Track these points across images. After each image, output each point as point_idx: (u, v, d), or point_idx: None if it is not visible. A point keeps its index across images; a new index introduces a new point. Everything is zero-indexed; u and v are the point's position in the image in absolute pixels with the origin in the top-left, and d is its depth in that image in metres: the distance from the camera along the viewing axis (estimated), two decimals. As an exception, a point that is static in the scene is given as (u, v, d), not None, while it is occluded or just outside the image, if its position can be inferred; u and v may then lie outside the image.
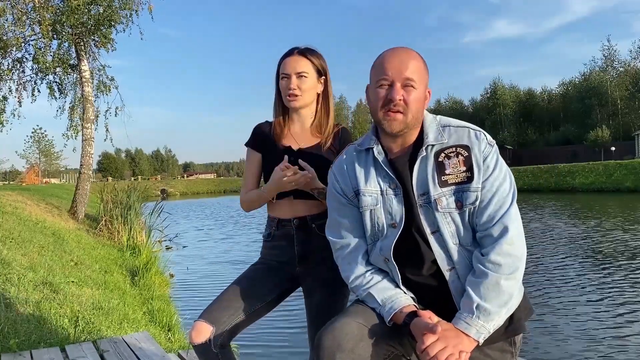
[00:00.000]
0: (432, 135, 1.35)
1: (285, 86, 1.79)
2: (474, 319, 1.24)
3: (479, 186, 1.30)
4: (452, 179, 1.32)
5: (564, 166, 36.89)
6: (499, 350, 1.35)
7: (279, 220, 1.85)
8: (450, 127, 1.37)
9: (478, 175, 1.30)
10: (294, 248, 1.82)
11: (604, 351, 4.51)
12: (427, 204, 1.33)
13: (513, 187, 1.33)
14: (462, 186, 1.31)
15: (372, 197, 1.40)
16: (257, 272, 1.85)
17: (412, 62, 1.34)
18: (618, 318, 5.41)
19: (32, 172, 58.92)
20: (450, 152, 1.33)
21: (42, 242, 6.49)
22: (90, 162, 11.04)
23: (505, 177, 1.32)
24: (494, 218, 1.28)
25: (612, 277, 7.34)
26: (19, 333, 3.14)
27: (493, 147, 1.33)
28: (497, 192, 1.30)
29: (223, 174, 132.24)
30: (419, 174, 1.34)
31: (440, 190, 1.32)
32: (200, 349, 1.70)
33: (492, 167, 1.31)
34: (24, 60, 11.23)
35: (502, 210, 1.28)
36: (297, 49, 1.82)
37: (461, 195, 1.31)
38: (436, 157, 1.33)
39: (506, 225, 1.27)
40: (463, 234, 1.32)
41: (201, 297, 6.85)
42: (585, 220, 14.98)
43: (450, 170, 1.32)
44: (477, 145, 1.32)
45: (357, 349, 1.25)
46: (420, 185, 1.34)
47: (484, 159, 1.31)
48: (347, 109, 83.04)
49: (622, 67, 57.31)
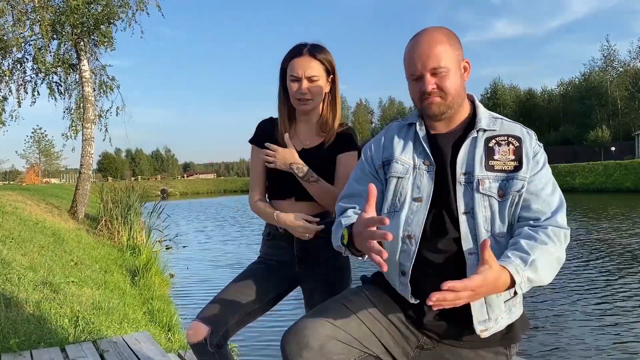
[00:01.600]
0: (485, 122, 1.35)
1: (295, 89, 1.73)
2: (525, 271, 1.16)
3: (527, 177, 1.28)
4: (499, 165, 1.30)
5: (564, 166, 36.88)
6: (494, 352, 1.33)
7: None
8: (502, 120, 1.37)
9: (527, 167, 1.29)
10: (294, 249, 1.81)
11: (604, 351, 4.51)
12: (468, 183, 1.30)
13: (559, 191, 1.32)
14: (509, 174, 1.29)
15: (403, 166, 1.38)
16: (256, 272, 1.85)
17: (436, 48, 1.30)
18: (618, 318, 5.41)
19: (32, 172, 58.96)
20: (501, 140, 1.32)
21: (42, 242, 6.49)
22: (90, 162, 11.03)
23: (550, 177, 1.32)
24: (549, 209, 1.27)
25: (613, 277, 7.34)
26: (19, 333, 3.13)
27: (542, 147, 1.34)
28: (546, 187, 1.29)
29: (223, 174, 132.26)
30: (466, 154, 1.33)
31: (485, 173, 1.29)
32: (196, 349, 1.71)
33: (542, 165, 1.31)
34: (24, 61, 11.25)
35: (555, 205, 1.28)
36: (306, 48, 1.73)
37: (505, 184, 1.28)
38: (487, 142, 1.32)
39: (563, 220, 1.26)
40: (498, 223, 1.28)
41: (201, 297, 6.85)
42: (585, 220, 14.98)
43: (499, 156, 1.30)
44: (528, 140, 1.32)
45: (326, 347, 1.23)
46: (465, 165, 1.32)
47: (534, 154, 1.31)
48: (347, 109, 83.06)
49: (622, 67, 57.36)
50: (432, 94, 1.31)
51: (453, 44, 1.34)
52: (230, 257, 10.57)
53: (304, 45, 1.75)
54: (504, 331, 1.32)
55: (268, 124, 1.89)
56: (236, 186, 67.36)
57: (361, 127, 77.34)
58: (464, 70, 1.37)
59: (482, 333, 1.28)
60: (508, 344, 1.34)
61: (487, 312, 1.27)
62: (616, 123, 54.33)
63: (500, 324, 1.29)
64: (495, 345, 1.33)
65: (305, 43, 1.76)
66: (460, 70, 1.35)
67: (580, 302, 6.10)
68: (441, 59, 1.30)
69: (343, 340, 1.26)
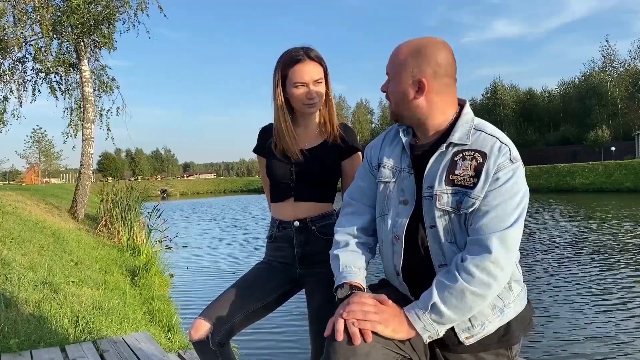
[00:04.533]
0: (458, 135, 1.33)
1: (303, 95, 1.74)
2: (426, 315, 1.22)
3: (480, 195, 1.26)
4: (459, 180, 1.30)
5: (564, 166, 36.88)
6: (494, 354, 1.33)
7: (280, 222, 1.86)
8: (482, 132, 1.34)
9: (483, 185, 1.26)
10: (294, 250, 1.82)
11: (604, 351, 4.51)
12: (430, 197, 1.33)
13: (519, 212, 1.26)
14: (465, 190, 1.29)
15: (390, 171, 1.44)
16: (260, 272, 1.86)
17: (393, 56, 1.38)
18: (617, 318, 5.41)
19: (32, 172, 58.94)
20: (467, 154, 1.31)
21: (42, 242, 6.49)
22: (90, 162, 11.04)
23: (514, 196, 1.26)
24: (486, 230, 1.24)
25: (613, 277, 7.34)
26: (19, 333, 3.14)
27: (515, 163, 1.28)
28: (499, 206, 1.25)
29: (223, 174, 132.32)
30: (431, 167, 1.34)
31: (444, 188, 1.30)
32: (198, 346, 1.71)
33: (503, 182, 1.26)
34: (24, 61, 11.26)
35: (499, 226, 1.23)
36: (305, 53, 1.75)
37: (462, 198, 1.29)
38: (453, 156, 1.32)
39: (497, 243, 1.22)
40: (459, 235, 1.30)
41: (201, 297, 6.85)
42: (585, 220, 14.98)
43: (460, 171, 1.30)
44: (495, 156, 1.28)
45: (372, 354, 1.21)
46: (429, 179, 1.34)
47: (496, 171, 1.27)
48: (347, 109, 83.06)
49: (621, 67, 57.34)
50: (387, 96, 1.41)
51: (408, 58, 1.34)
52: (230, 257, 10.57)
53: (299, 49, 1.76)
54: (500, 332, 1.31)
55: (268, 130, 1.91)
56: (236, 186, 67.37)
57: (361, 127, 77.27)
58: (417, 86, 1.34)
59: (467, 340, 1.29)
60: (507, 345, 1.34)
61: (468, 320, 1.29)
62: (616, 123, 54.29)
63: (490, 328, 1.29)
64: (494, 348, 1.33)
65: (298, 47, 1.77)
66: (406, 85, 1.34)
67: (580, 301, 6.11)
68: (390, 67, 1.37)
69: (384, 345, 1.25)
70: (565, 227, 13.33)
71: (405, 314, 1.24)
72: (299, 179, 1.81)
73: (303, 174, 1.80)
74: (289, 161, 1.81)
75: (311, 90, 1.74)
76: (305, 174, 1.80)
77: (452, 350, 1.33)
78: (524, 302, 1.39)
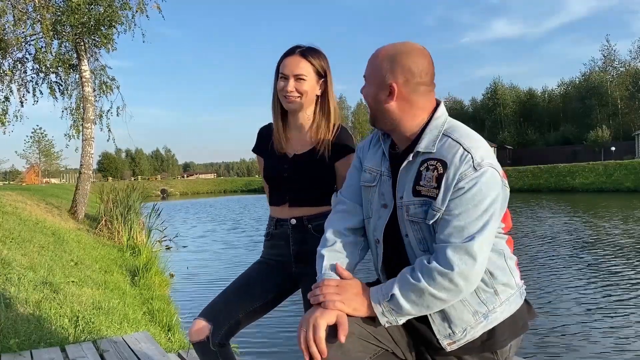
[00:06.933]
0: (425, 143, 1.32)
1: (282, 87, 1.75)
2: (385, 303, 1.26)
3: (442, 208, 1.25)
4: (424, 191, 1.29)
5: (564, 166, 36.89)
6: (478, 357, 1.33)
7: (277, 220, 1.87)
8: (449, 137, 1.30)
9: (444, 196, 1.25)
10: (290, 248, 1.83)
11: (604, 351, 4.51)
12: (401, 207, 1.34)
13: (486, 219, 1.23)
14: (429, 201, 1.28)
15: (371, 174, 1.45)
16: (258, 271, 1.86)
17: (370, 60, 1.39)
18: (616, 317, 5.41)
19: (32, 172, 59.02)
20: (430, 164, 1.29)
21: (42, 242, 6.49)
22: (91, 162, 11.04)
23: (478, 204, 1.23)
24: (449, 239, 1.23)
25: (613, 277, 7.34)
26: (19, 333, 3.14)
27: (479, 171, 1.23)
28: (461, 215, 1.22)
29: (223, 174, 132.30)
30: (401, 177, 1.35)
31: (412, 199, 1.30)
32: (198, 347, 1.71)
33: (465, 190, 1.23)
34: (24, 61, 11.26)
35: (462, 235, 1.22)
36: (299, 49, 1.77)
37: (427, 210, 1.28)
38: (420, 164, 1.31)
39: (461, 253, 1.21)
40: (431, 243, 1.30)
41: (201, 297, 6.85)
42: (585, 220, 14.98)
43: (425, 182, 1.29)
44: (455, 166, 1.25)
45: (346, 344, 1.23)
46: (400, 188, 1.35)
47: (457, 181, 1.24)
48: (347, 108, 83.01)
49: (622, 67, 57.36)
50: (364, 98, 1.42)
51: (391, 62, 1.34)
52: (230, 257, 10.57)
53: (298, 46, 1.78)
54: (484, 337, 1.31)
55: (266, 130, 1.93)
56: (236, 186, 67.31)
57: (361, 127, 77.20)
58: (388, 91, 1.34)
59: (449, 346, 1.31)
60: (491, 349, 1.32)
61: (449, 327, 1.30)
62: (616, 123, 54.33)
63: (473, 334, 1.30)
64: (477, 352, 1.32)
65: (300, 45, 1.79)
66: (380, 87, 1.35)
67: (579, 301, 6.11)
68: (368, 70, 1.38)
69: (360, 336, 1.27)
70: (565, 227, 13.33)
71: (369, 295, 1.29)
72: (292, 186, 1.82)
73: (295, 181, 1.81)
74: (282, 166, 1.83)
75: (290, 83, 1.74)
76: (297, 181, 1.81)
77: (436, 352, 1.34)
78: (516, 305, 1.36)
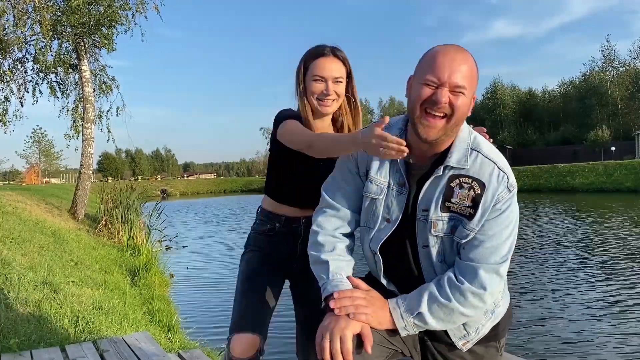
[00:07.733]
0: (456, 157, 1.27)
1: (319, 90, 1.70)
2: (410, 319, 1.26)
3: (477, 228, 1.25)
4: (455, 208, 1.27)
5: (564, 166, 36.88)
6: (484, 345, 1.39)
7: (286, 218, 1.84)
8: (479, 153, 1.28)
9: (480, 217, 1.25)
10: (298, 245, 1.83)
11: (604, 351, 4.51)
12: (425, 220, 1.31)
13: (512, 240, 1.28)
14: (462, 218, 1.27)
15: (378, 186, 1.37)
16: (267, 272, 1.85)
17: (465, 66, 1.23)
18: (617, 318, 5.41)
19: (32, 172, 59.01)
20: (464, 182, 1.26)
21: (42, 242, 6.49)
22: (91, 162, 11.05)
23: (509, 225, 1.27)
24: (482, 260, 1.25)
25: (613, 277, 7.34)
26: (19, 333, 3.14)
27: (512, 191, 1.27)
28: (495, 236, 1.25)
29: (223, 174, 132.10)
30: (427, 190, 1.30)
31: (439, 215, 1.28)
32: None
33: (501, 212, 1.26)
34: (24, 61, 11.26)
35: (495, 258, 1.25)
36: (331, 49, 1.72)
37: (457, 227, 1.28)
38: (450, 180, 1.27)
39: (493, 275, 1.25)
40: (448, 255, 1.31)
41: (201, 297, 6.85)
42: (585, 220, 14.98)
43: (457, 199, 1.26)
44: (494, 188, 1.25)
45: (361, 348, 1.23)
46: (425, 201, 1.30)
47: (495, 203, 1.25)
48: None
49: (622, 67, 57.34)
50: (441, 108, 1.22)
51: (476, 73, 1.29)
52: (230, 257, 10.57)
53: (326, 45, 1.74)
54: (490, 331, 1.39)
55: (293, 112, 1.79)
56: (236, 186, 67.27)
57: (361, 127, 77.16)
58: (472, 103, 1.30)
59: (464, 346, 1.35)
60: (495, 339, 1.41)
61: (464, 329, 1.35)
62: (616, 123, 54.31)
63: (484, 331, 1.36)
64: (484, 343, 1.39)
65: (326, 44, 1.74)
66: (471, 99, 1.28)
67: (579, 300, 6.11)
68: (466, 79, 1.23)
69: (377, 342, 1.26)
70: (565, 227, 13.32)
71: (389, 309, 1.28)
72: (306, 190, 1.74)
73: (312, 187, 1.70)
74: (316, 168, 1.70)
75: (329, 86, 1.70)
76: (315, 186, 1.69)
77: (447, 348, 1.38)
78: (508, 297, 1.44)
